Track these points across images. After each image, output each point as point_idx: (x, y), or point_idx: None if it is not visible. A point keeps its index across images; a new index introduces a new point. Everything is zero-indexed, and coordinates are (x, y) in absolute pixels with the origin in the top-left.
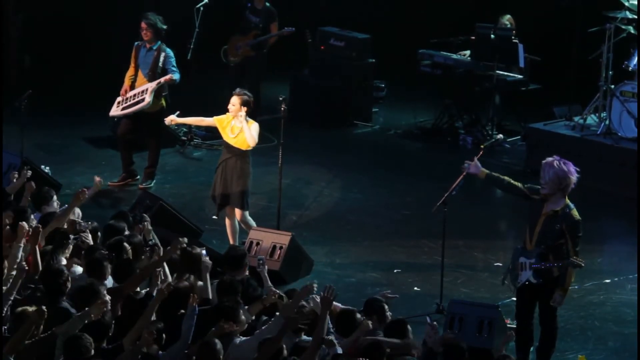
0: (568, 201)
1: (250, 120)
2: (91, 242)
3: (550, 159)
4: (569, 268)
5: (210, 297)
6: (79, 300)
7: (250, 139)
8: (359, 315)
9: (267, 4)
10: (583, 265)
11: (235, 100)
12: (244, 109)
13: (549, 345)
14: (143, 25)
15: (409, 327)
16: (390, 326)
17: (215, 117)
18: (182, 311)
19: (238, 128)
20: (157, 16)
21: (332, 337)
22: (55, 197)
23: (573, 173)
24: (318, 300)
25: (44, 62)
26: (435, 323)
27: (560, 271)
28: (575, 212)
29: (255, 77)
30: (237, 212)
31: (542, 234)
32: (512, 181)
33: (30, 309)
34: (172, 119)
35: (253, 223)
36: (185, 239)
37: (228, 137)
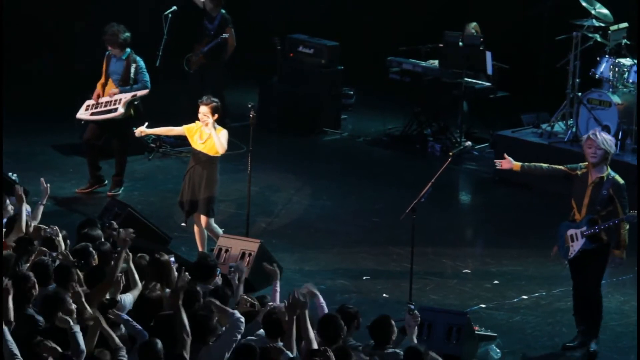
0: (610, 169)
1: (219, 127)
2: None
3: (593, 132)
4: (621, 229)
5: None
6: (44, 308)
7: (219, 146)
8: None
9: (223, 11)
10: None
11: (204, 110)
12: (215, 116)
13: (596, 314)
14: (106, 42)
15: (392, 321)
16: (376, 325)
17: (184, 126)
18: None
19: (207, 134)
20: (117, 26)
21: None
22: (9, 203)
23: (613, 142)
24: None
25: (11, 67)
26: (417, 312)
27: (609, 234)
28: (618, 177)
29: (214, 86)
30: (203, 218)
31: (591, 203)
32: (551, 165)
33: None
34: (141, 130)
35: (219, 230)
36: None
37: (196, 143)
